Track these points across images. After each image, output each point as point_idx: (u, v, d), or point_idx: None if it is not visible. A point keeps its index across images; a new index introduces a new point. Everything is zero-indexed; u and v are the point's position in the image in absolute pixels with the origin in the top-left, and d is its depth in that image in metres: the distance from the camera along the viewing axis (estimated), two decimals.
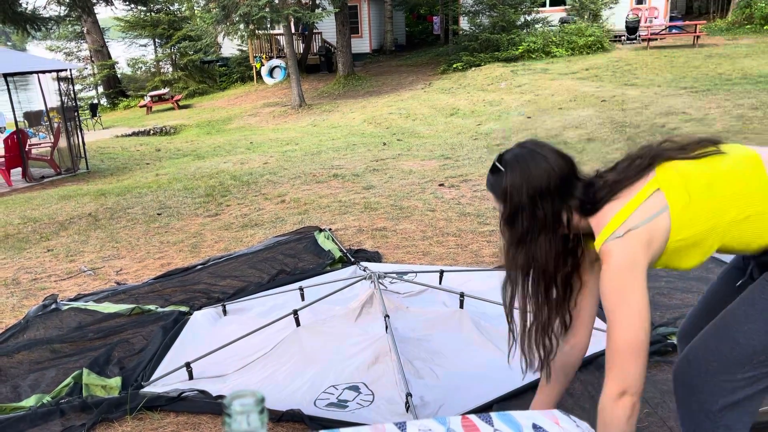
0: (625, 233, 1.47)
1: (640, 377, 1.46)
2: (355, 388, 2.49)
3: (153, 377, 2.83)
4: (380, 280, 3.24)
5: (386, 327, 2.74)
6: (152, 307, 3.58)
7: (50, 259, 5.14)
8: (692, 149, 1.56)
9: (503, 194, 1.58)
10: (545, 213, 1.55)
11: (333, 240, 4.71)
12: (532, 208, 1.55)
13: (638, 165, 1.55)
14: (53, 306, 3.67)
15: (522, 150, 1.59)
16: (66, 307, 3.65)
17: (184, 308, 3.57)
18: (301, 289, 3.54)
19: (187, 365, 2.77)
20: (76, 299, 3.87)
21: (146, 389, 2.70)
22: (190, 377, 2.77)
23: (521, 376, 1.83)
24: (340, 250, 4.43)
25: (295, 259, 4.40)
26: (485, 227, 4.92)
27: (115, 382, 2.75)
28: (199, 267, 4.38)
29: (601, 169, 1.64)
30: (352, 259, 4.26)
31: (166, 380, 2.77)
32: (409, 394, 2.28)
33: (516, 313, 1.69)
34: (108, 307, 3.58)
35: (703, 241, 1.51)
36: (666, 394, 2.38)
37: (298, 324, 2.95)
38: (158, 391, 2.64)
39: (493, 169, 1.62)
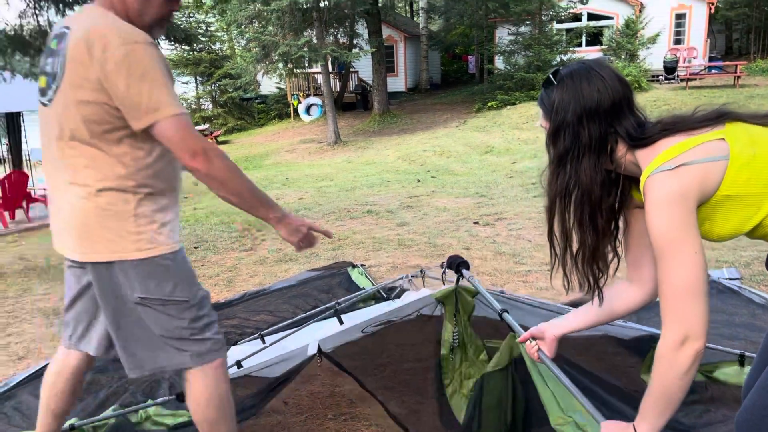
0: (677, 167, 1.37)
1: (703, 320, 1.36)
2: None
3: None
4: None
5: None
6: None
7: None
8: (762, 118, 1.47)
9: (550, 109, 1.52)
10: (590, 134, 1.46)
11: (366, 276, 4.70)
12: (576, 128, 1.47)
13: (704, 114, 1.46)
14: None
15: (580, 67, 1.52)
16: None
17: None
18: (337, 312, 3.51)
19: (238, 363, 2.69)
20: None
21: None
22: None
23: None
24: (376, 288, 4.41)
25: (329, 295, 4.39)
26: (521, 267, 4.84)
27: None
28: (235, 302, 4.40)
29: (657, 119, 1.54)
30: (385, 296, 4.23)
31: None
32: None
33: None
34: None
35: (750, 206, 1.39)
36: None
37: (341, 323, 2.92)
38: None
39: (546, 83, 1.56)
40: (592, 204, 1.52)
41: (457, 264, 2.56)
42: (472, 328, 2.67)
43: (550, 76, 1.55)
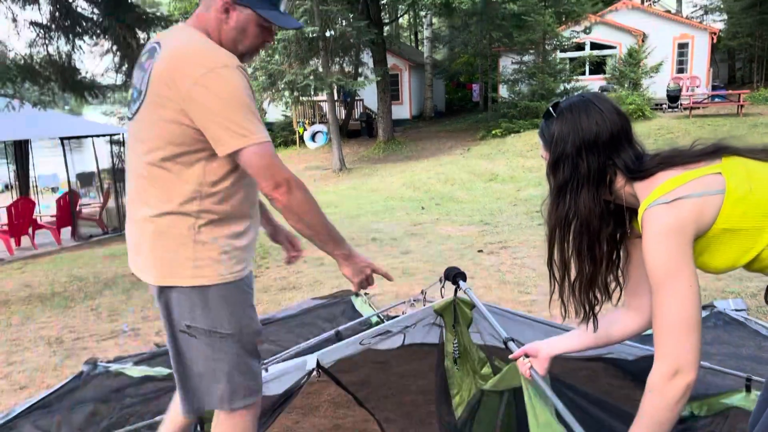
0: (674, 200, 1.39)
1: (695, 354, 1.36)
2: None
3: None
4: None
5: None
6: None
7: (93, 318, 5.22)
8: (759, 152, 1.49)
9: (549, 141, 1.55)
10: (589, 166, 1.49)
11: (370, 305, 4.68)
12: (575, 159, 1.49)
13: (701, 149, 1.48)
14: (93, 371, 3.70)
15: (579, 100, 1.55)
16: (104, 370, 3.68)
17: None
18: (338, 333, 3.49)
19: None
20: (115, 361, 3.90)
21: None
22: None
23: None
24: (378, 315, 4.39)
25: (333, 324, 4.37)
26: (525, 296, 4.82)
27: None
28: None
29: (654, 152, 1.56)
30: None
31: None
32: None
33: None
34: (145, 371, 3.59)
35: (746, 240, 1.41)
36: None
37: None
38: None
39: (546, 115, 1.59)
40: (591, 234, 1.54)
41: (454, 275, 2.56)
42: (476, 345, 2.65)
43: (550, 108, 1.58)
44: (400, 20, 33.29)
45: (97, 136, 11.27)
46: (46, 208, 12.90)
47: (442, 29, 32.61)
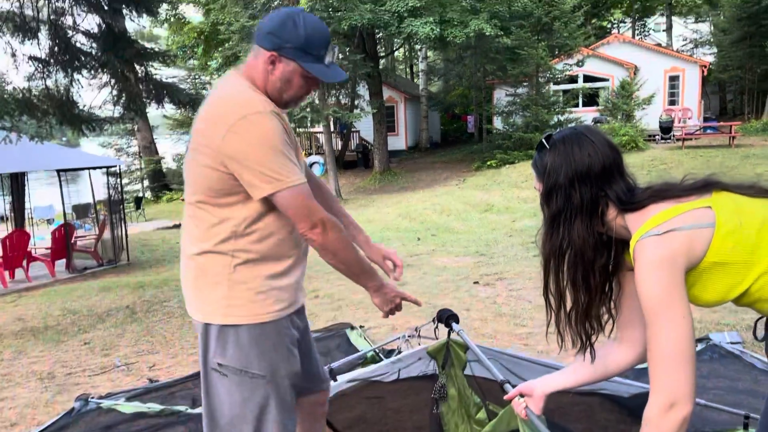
0: (665, 232, 1.41)
1: (690, 386, 1.36)
2: None
3: None
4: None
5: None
6: (181, 408, 3.53)
7: (86, 353, 5.18)
8: (747, 188, 1.52)
9: (543, 172, 1.57)
10: (581, 197, 1.50)
11: (365, 338, 4.65)
12: (568, 190, 1.51)
13: (692, 183, 1.50)
14: (84, 407, 3.66)
15: (572, 132, 1.57)
16: (95, 406, 3.64)
17: None
18: (331, 371, 3.46)
19: None
20: (106, 397, 3.86)
21: None
22: None
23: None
24: (374, 351, 4.36)
25: (328, 358, 4.34)
26: (522, 329, 4.81)
27: None
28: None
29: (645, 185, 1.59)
30: (384, 358, 4.18)
31: None
32: None
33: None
34: (137, 407, 3.55)
35: (736, 274, 1.43)
36: None
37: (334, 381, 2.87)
38: None
39: (539, 147, 1.61)
40: (585, 264, 1.56)
41: (447, 317, 2.54)
42: (470, 385, 2.63)
43: (543, 140, 1.61)
44: (396, 53, 33.76)
45: (95, 168, 11.30)
46: (41, 239, 12.87)
47: (437, 62, 33.06)
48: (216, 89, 1.85)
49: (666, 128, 19.03)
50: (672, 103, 22.18)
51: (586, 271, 1.56)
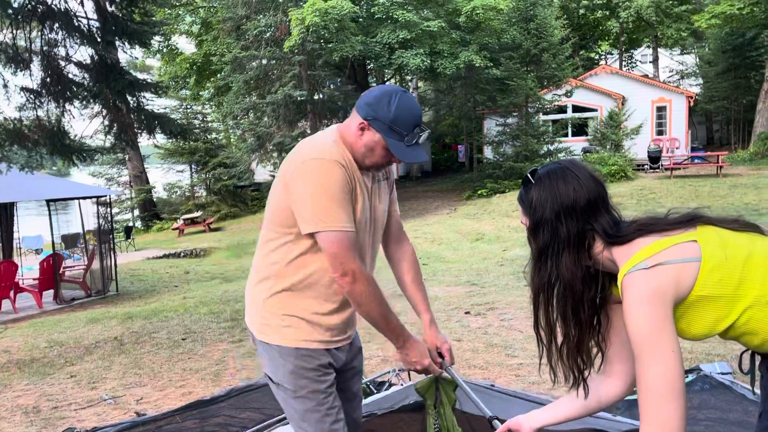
0: (653, 266, 1.41)
1: (681, 420, 1.37)
2: None
3: None
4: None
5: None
6: None
7: (72, 386, 5.10)
8: (731, 222, 1.54)
9: (529, 206, 1.58)
10: (568, 230, 1.52)
11: None
12: (554, 224, 1.52)
13: (676, 218, 1.52)
14: None
15: (556, 167, 1.59)
16: None
17: None
18: None
19: None
20: None
21: None
22: None
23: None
24: (365, 384, 4.32)
25: None
26: (513, 360, 4.78)
27: None
28: (221, 398, 4.29)
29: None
30: (375, 391, 4.14)
31: None
32: None
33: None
34: None
35: (722, 308, 1.43)
36: None
37: None
38: None
39: (525, 181, 1.62)
40: (575, 297, 1.56)
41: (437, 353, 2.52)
42: (459, 424, 2.60)
43: (528, 175, 1.64)
44: (387, 84, 34.09)
45: (84, 198, 11.27)
46: (29, 269, 12.75)
47: (427, 92, 33.43)
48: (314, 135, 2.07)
49: (654, 158, 19.24)
50: (660, 133, 22.48)
51: (575, 304, 1.57)
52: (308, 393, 1.99)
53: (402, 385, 3.55)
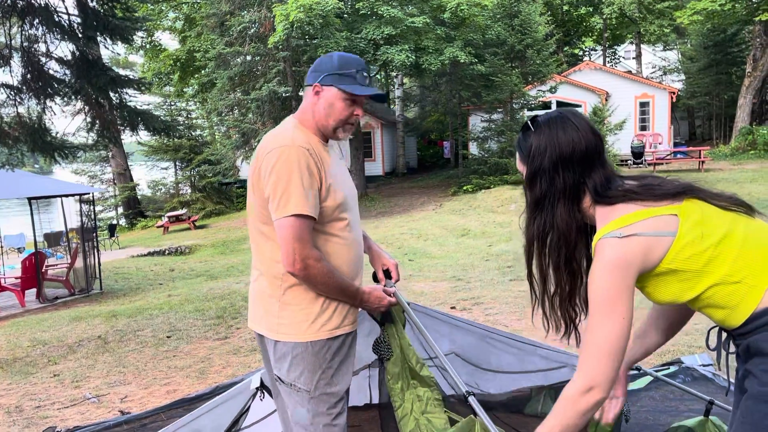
0: (626, 236, 1.44)
1: (611, 378, 1.45)
2: None
3: None
4: None
5: None
6: None
7: (56, 385, 5.05)
8: (723, 199, 1.55)
9: (527, 154, 1.58)
10: (565, 181, 1.53)
11: None
12: (552, 174, 1.53)
13: (666, 189, 1.52)
14: None
15: (557, 115, 1.59)
16: None
17: None
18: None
19: None
20: (75, 430, 3.76)
21: None
22: None
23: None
24: None
25: None
26: None
27: None
28: (206, 395, 4.27)
29: (626, 176, 1.61)
30: None
31: None
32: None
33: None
34: None
35: (687, 281, 1.48)
36: None
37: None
38: None
39: (524, 128, 1.62)
40: (568, 247, 1.58)
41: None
42: (413, 348, 2.54)
43: (528, 122, 1.63)
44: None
45: (67, 196, 11.15)
46: (11, 268, 12.60)
47: (413, 89, 33.44)
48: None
49: (638, 153, 19.40)
50: (643, 128, 22.65)
51: (568, 254, 1.59)
52: (326, 395, 2.00)
53: None
